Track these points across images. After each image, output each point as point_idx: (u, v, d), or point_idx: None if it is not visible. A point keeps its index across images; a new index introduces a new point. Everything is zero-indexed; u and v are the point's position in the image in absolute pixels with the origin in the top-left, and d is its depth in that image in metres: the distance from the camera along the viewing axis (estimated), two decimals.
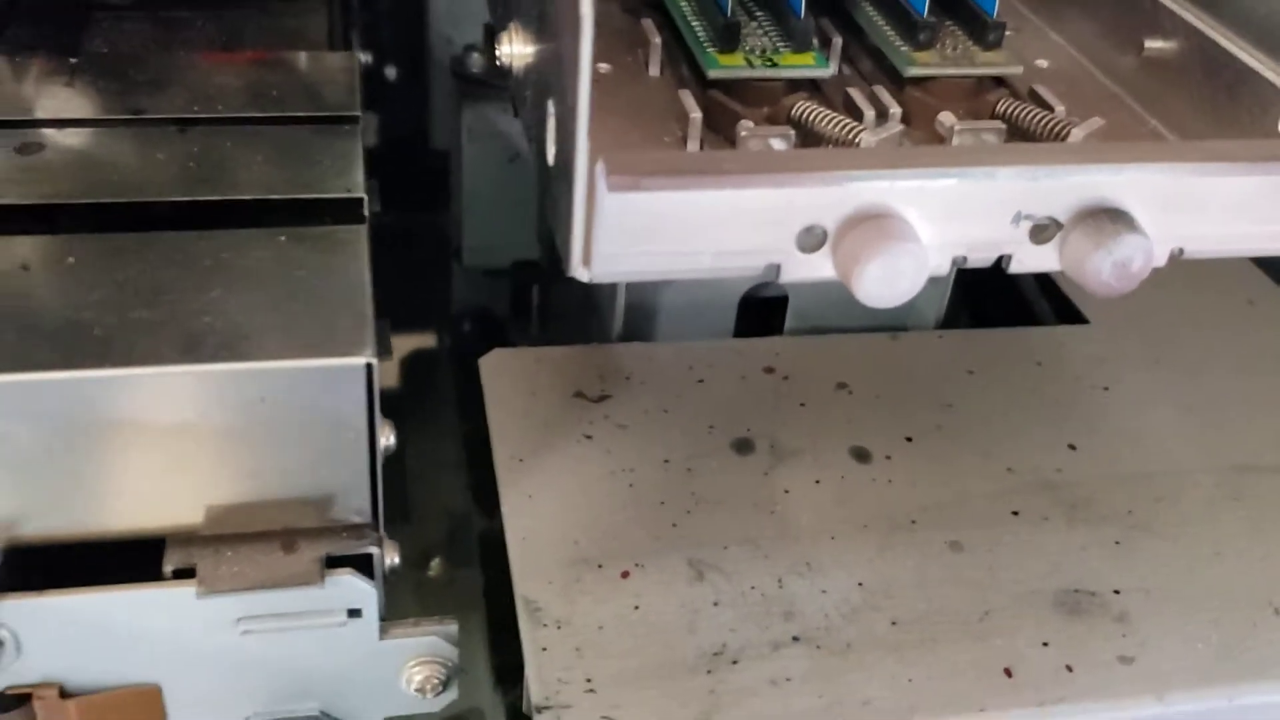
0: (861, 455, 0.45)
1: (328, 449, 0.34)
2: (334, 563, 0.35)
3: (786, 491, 0.43)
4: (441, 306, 0.72)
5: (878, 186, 0.33)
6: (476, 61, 0.62)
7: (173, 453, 0.33)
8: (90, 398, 0.32)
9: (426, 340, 0.73)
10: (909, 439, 0.45)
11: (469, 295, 0.70)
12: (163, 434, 0.33)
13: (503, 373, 0.47)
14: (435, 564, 0.58)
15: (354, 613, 0.35)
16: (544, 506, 0.41)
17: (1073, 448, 0.46)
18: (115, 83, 0.44)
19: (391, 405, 0.35)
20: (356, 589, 0.35)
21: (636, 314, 0.52)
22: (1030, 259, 0.36)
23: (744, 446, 0.45)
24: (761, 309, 0.53)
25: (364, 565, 0.35)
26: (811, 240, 0.34)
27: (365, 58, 0.67)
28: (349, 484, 0.35)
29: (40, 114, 0.42)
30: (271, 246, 0.36)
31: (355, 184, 0.39)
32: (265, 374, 0.32)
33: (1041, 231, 0.35)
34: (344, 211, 0.39)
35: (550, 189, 0.34)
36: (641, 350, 0.49)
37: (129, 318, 0.33)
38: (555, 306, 0.65)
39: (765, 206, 0.33)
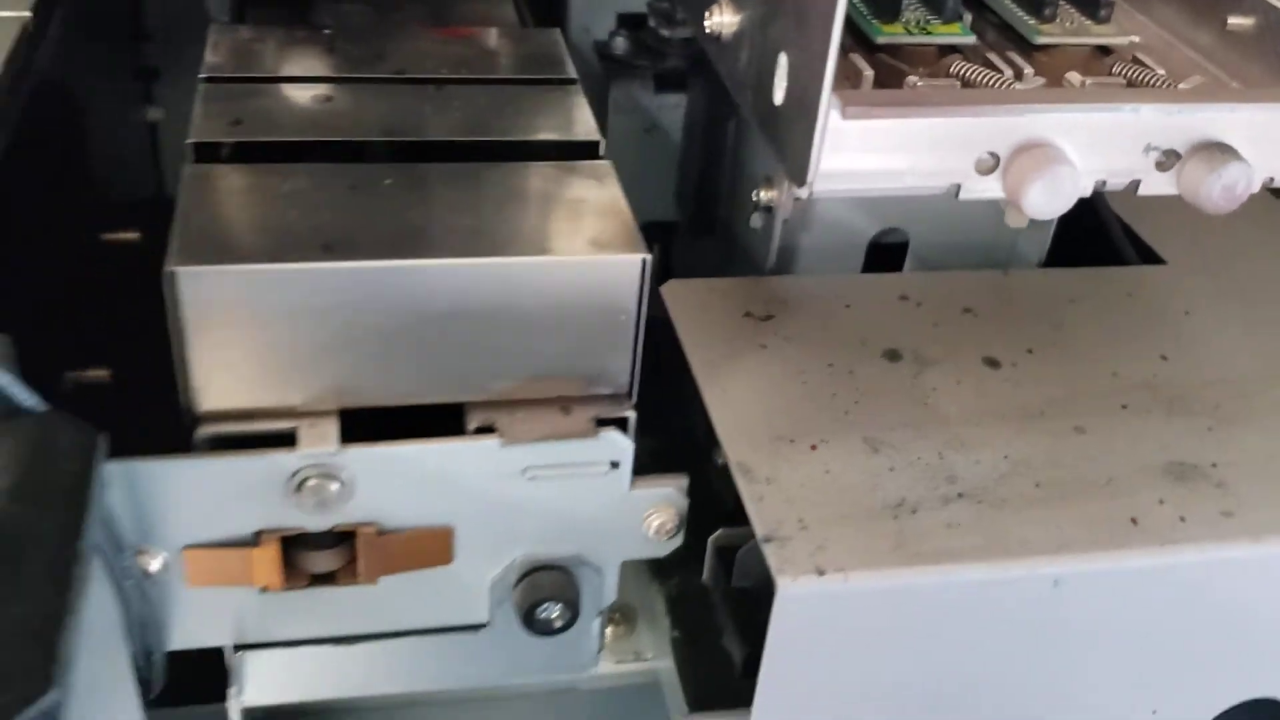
0: (992, 363, 0.53)
1: (605, 331, 0.42)
2: (603, 425, 0.44)
3: (934, 389, 0.51)
4: None
5: (1044, 119, 0.41)
6: (620, 45, 0.71)
7: (486, 332, 0.42)
8: (421, 285, 0.40)
9: None
10: (1029, 350, 0.54)
11: None
12: (475, 317, 0.41)
13: (682, 297, 0.55)
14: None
15: (614, 465, 0.44)
16: (737, 398, 0.50)
17: (1164, 358, 0.55)
18: (367, 50, 0.53)
19: None
20: (618, 444, 0.43)
21: (784, 255, 0.60)
22: (1155, 184, 0.45)
23: (893, 356, 0.53)
24: (885, 253, 0.62)
25: (621, 428, 0.44)
26: (986, 164, 0.42)
27: None
28: (617, 361, 0.43)
29: (320, 73, 0.50)
30: (545, 174, 0.45)
31: (591, 130, 0.48)
32: (564, 266, 0.41)
33: (1164, 161, 0.44)
34: (586, 152, 0.47)
35: (775, 127, 0.43)
36: (793, 281, 0.58)
37: (448, 224, 0.42)
38: (683, 263, 0.74)
39: (953, 134, 0.41)
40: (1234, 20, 0.53)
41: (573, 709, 0.64)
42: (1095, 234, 0.64)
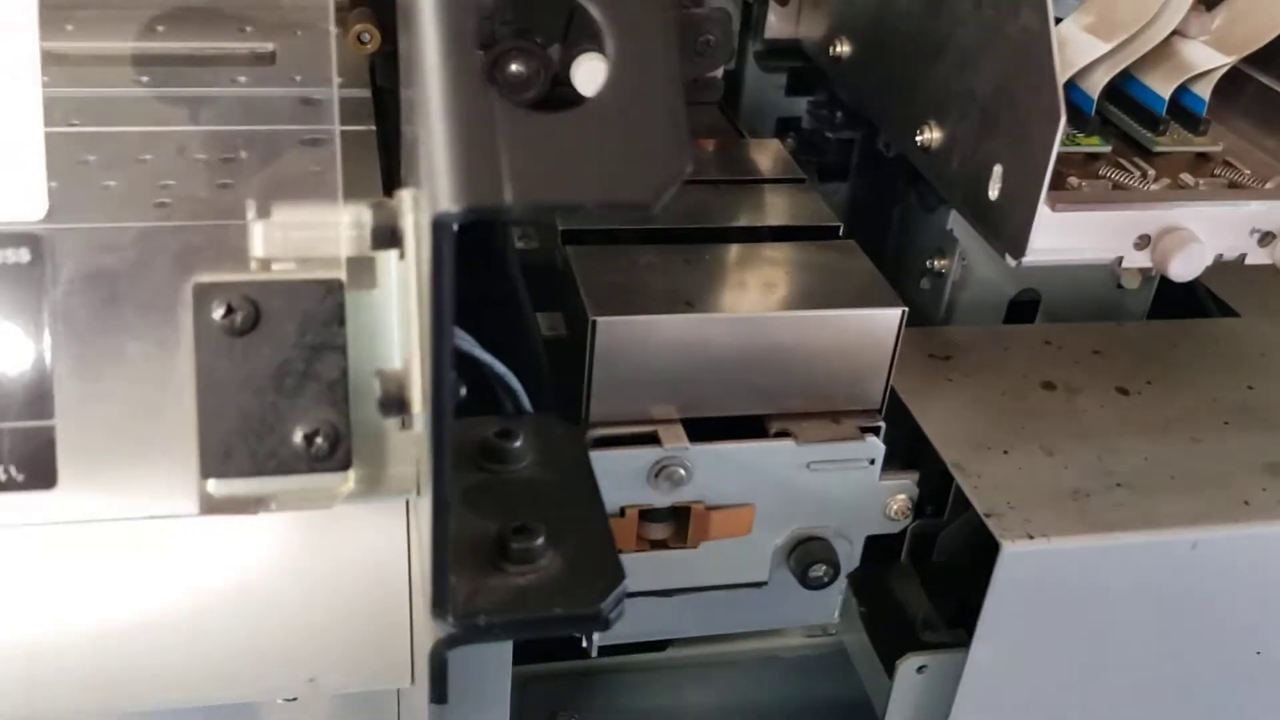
0: (1123, 391, 0.70)
1: (867, 363, 0.59)
2: (865, 432, 0.60)
3: (1084, 411, 0.68)
4: None
5: (1181, 211, 0.58)
6: (789, 144, 0.88)
7: (786, 364, 0.58)
8: (745, 329, 0.57)
9: None
10: (1149, 382, 0.71)
11: None
12: (779, 352, 0.58)
13: None
14: None
15: (871, 461, 0.60)
16: (939, 417, 0.66)
17: (1250, 388, 0.71)
18: None
19: None
20: (876, 446, 0.60)
21: (948, 310, 0.77)
22: (1257, 257, 0.61)
23: (1049, 386, 0.70)
24: (1021, 309, 0.79)
25: (875, 435, 0.60)
26: (1141, 243, 0.59)
27: None
28: (875, 386, 0.60)
29: None
30: (811, 250, 0.62)
31: (830, 217, 0.65)
32: (843, 317, 0.57)
33: (1264, 240, 0.61)
34: (830, 233, 0.64)
35: (989, 217, 0.60)
36: (960, 330, 0.75)
37: (757, 284, 0.58)
38: None
39: (1119, 222, 0.58)
40: None
41: (774, 674, 0.79)
42: (1184, 294, 0.81)
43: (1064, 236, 0.58)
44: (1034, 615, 0.60)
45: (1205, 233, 0.59)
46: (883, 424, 0.60)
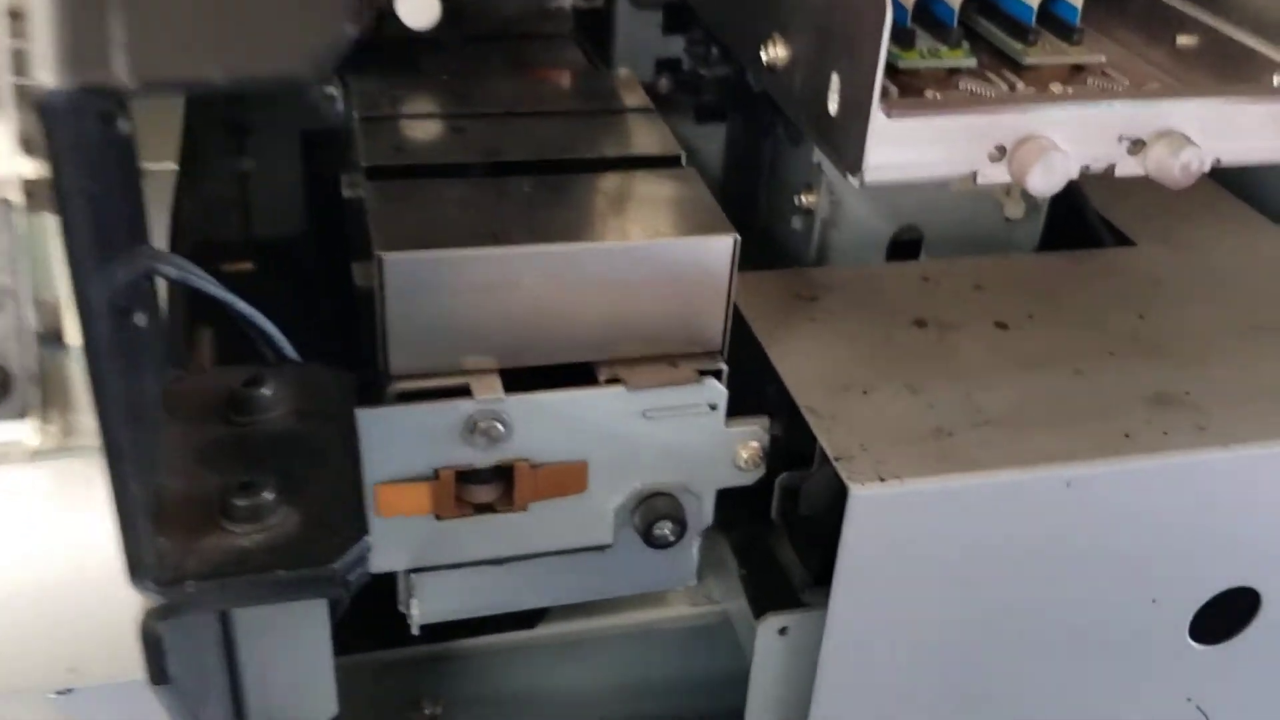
0: (1001, 326, 0.65)
1: (701, 300, 0.54)
2: (704, 375, 0.55)
3: (957, 348, 0.63)
4: None
5: (1039, 116, 0.53)
6: (664, 85, 0.83)
7: (612, 303, 0.53)
8: (563, 265, 0.51)
9: None
10: (1030, 316, 0.66)
11: None
12: (602, 290, 0.52)
13: (741, 285, 0.67)
14: None
15: (713, 407, 0.55)
16: (797, 359, 0.61)
17: (1141, 317, 0.66)
18: (480, 89, 0.64)
19: None
20: (716, 389, 0.54)
21: (820, 251, 0.72)
22: (1127, 167, 0.56)
23: (920, 324, 0.65)
24: (903, 248, 0.74)
25: (716, 377, 0.55)
26: (997, 154, 0.54)
27: None
28: (712, 324, 0.54)
29: (453, 110, 0.61)
30: (645, 179, 0.56)
31: (674, 145, 0.60)
32: (671, 246, 0.52)
33: (1134, 147, 0.56)
34: (671, 163, 0.59)
35: (831, 134, 0.54)
36: (830, 270, 0.69)
37: (578, 218, 0.53)
38: None
39: (970, 130, 0.53)
40: (1182, 40, 0.65)
41: (655, 648, 0.74)
42: (1077, 224, 0.76)
43: (906, 149, 0.52)
44: (894, 566, 0.55)
45: (1068, 141, 0.54)
46: (723, 366, 0.55)
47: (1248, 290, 0.70)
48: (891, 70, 0.61)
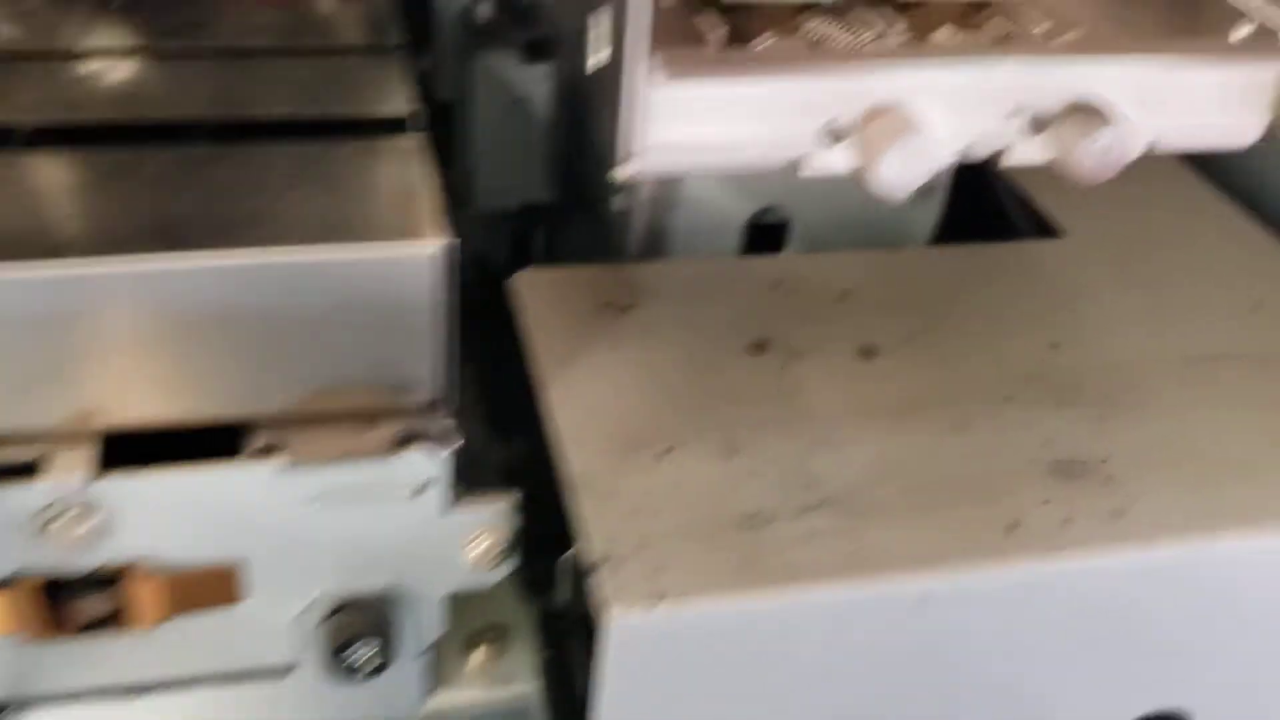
0: (867, 353, 0.49)
1: (401, 332, 0.37)
2: (408, 441, 0.38)
3: (802, 384, 0.47)
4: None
5: (896, 80, 0.37)
6: (484, 11, 0.65)
7: (257, 340, 0.36)
8: (179, 284, 0.35)
9: None
10: (907, 340, 0.49)
11: (479, 244, 0.73)
12: (247, 319, 0.36)
13: (535, 289, 0.50)
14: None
15: (422, 487, 0.39)
16: (585, 400, 0.45)
17: (1054, 346, 0.50)
18: (160, 19, 0.47)
19: None
20: (425, 463, 0.38)
21: (651, 238, 0.55)
22: (1024, 152, 0.40)
23: (759, 348, 0.48)
24: (765, 234, 0.57)
25: (436, 443, 0.39)
26: (834, 134, 0.38)
27: None
28: (420, 366, 0.38)
29: (90, 45, 0.44)
30: (339, 155, 0.40)
31: (401, 103, 0.43)
32: (346, 258, 0.36)
33: (1034, 125, 0.39)
34: (399, 128, 0.42)
35: (592, 99, 0.38)
36: (659, 267, 0.53)
37: (217, 214, 0.36)
38: (561, 248, 0.69)
39: (795, 99, 0.37)
40: None
41: None
42: (987, 206, 0.60)
43: (700, 124, 0.36)
44: (673, 709, 0.40)
45: (940, 114, 0.38)
46: (445, 425, 0.39)
47: (1200, 305, 0.53)
48: (720, 5, 0.44)
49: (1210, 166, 0.64)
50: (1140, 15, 0.46)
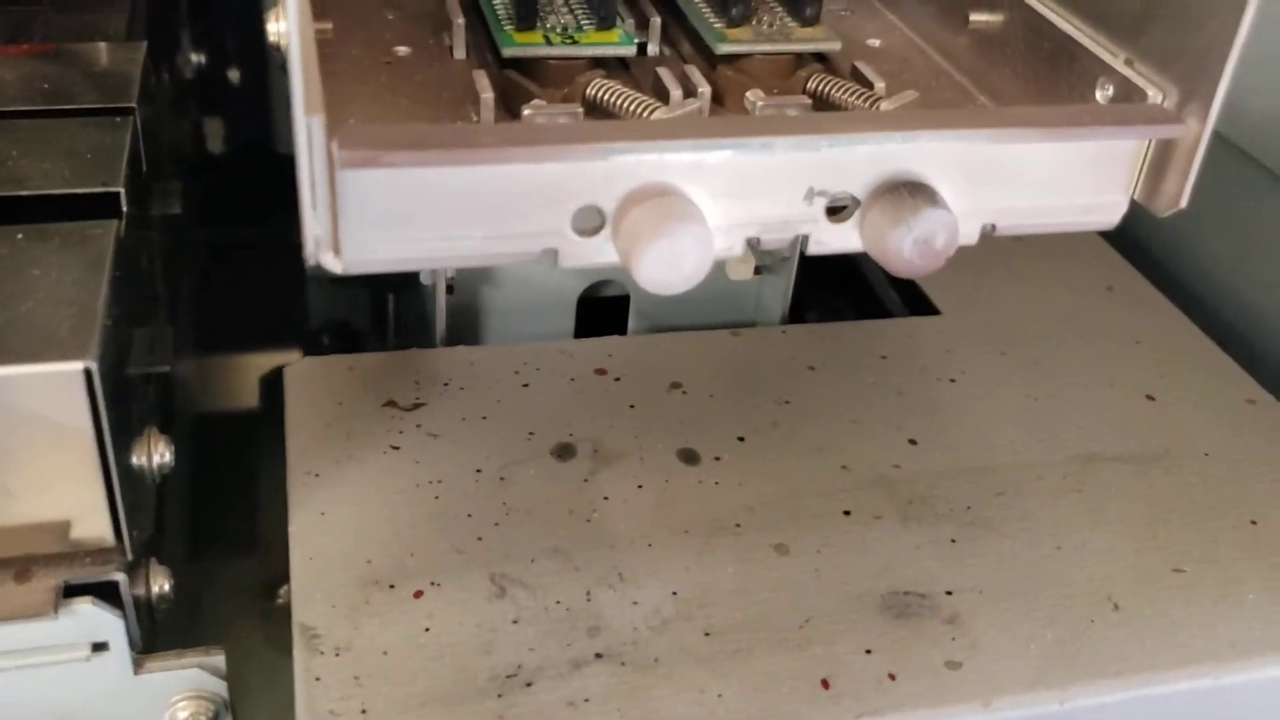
0: (689, 457, 0.42)
1: (58, 465, 0.31)
2: (78, 591, 0.32)
3: (606, 498, 0.40)
4: (299, 321, 0.69)
5: (650, 160, 0.30)
6: None
7: None
8: None
9: (288, 356, 0.70)
10: (740, 439, 0.43)
11: (326, 308, 0.67)
12: None
13: (309, 382, 0.44)
14: (284, 591, 0.55)
15: (100, 646, 0.32)
16: (337, 524, 0.38)
17: (913, 442, 0.44)
18: None
19: (247, 424, 0.31)
20: (99, 619, 0.31)
21: (463, 317, 0.49)
22: (830, 239, 0.33)
23: (565, 452, 0.42)
24: (603, 309, 0.51)
25: (114, 593, 0.32)
26: (590, 222, 0.31)
27: (199, 59, 0.64)
28: (86, 504, 0.31)
29: None
30: (7, 244, 0.33)
31: (113, 178, 0.36)
32: None
33: (838, 209, 0.33)
34: (100, 207, 0.35)
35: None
36: (465, 354, 0.46)
37: None
38: (407, 316, 0.62)
39: (534, 184, 0.30)
40: (977, 17, 0.42)
41: None
42: (855, 280, 0.53)
43: (410, 217, 0.29)
44: None
45: (717, 197, 0.31)
46: (120, 575, 0.32)
47: (1085, 397, 0.47)
48: (499, 60, 0.38)
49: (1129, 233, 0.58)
50: (995, 72, 0.40)
